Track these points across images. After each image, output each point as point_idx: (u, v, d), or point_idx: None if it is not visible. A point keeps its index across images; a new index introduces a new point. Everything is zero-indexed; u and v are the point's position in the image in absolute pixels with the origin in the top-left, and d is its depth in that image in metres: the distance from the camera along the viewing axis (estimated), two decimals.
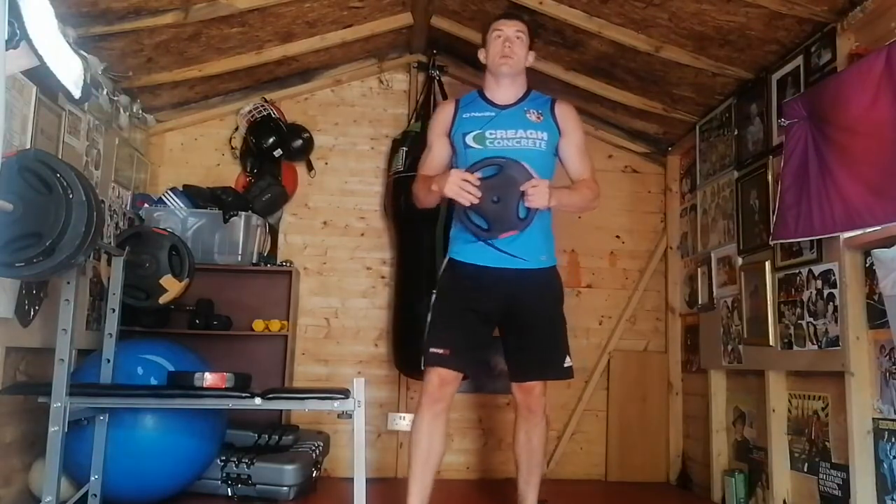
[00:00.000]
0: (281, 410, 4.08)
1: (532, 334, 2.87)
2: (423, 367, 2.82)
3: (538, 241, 2.84)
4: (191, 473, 3.32)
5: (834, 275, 2.93)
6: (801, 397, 3.24)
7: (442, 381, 2.77)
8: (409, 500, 2.80)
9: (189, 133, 4.65)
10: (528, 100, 2.94)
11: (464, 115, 2.89)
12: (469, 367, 2.89)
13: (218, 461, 3.45)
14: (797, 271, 3.20)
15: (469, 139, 2.84)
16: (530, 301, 2.84)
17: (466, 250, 2.84)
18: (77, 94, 2.19)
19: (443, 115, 2.97)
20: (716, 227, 4.07)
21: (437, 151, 2.94)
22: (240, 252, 4.21)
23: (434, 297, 2.88)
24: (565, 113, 2.94)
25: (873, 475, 2.74)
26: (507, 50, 2.85)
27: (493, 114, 2.87)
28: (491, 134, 2.83)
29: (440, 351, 2.76)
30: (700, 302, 4.25)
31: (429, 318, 2.85)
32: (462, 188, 2.64)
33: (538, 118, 2.88)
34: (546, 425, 3.00)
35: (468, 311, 2.80)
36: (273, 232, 4.54)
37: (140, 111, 4.22)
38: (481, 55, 2.97)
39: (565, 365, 2.90)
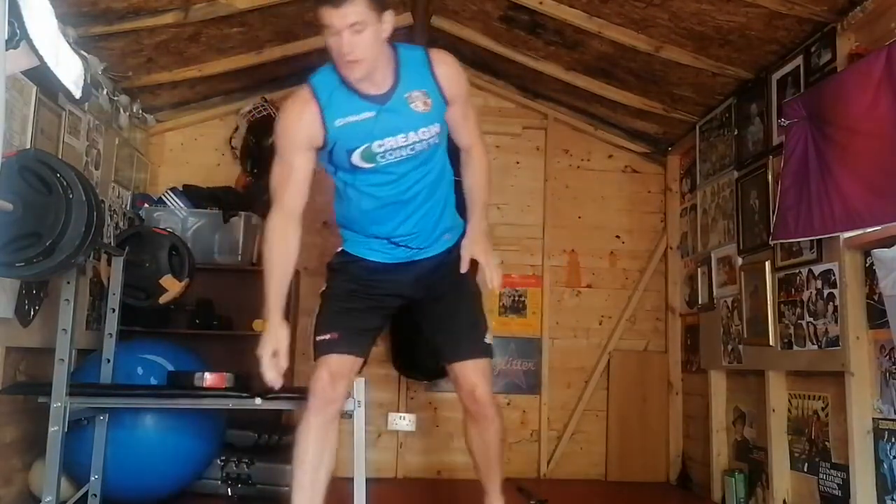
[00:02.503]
0: (281, 410, 4.07)
1: (447, 308, 2.55)
2: (313, 360, 2.48)
3: (438, 228, 2.51)
4: (191, 473, 3.32)
5: (834, 275, 2.93)
6: (801, 397, 3.24)
7: (333, 375, 2.37)
8: None
9: (189, 133, 4.65)
10: (403, 76, 2.30)
11: (336, 123, 2.28)
12: (364, 350, 2.51)
13: (218, 461, 3.45)
14: (797, 271, 3.20)
15: (356, 159, 2.33)
16: (436, 276, 2.53)
17: (359, 247, 2.54)
18: (77, 93, 2.19)
19: (305, 121, 2.30)
20: (716, 227, 4.07)
21: (299, 170, 2.36)
22: (240, 252, 4.21)
23: (323, 288, 2.59)
24: (446, 74, 2.35)
25: (873, 475, 2.74)
26: (348, 49, 2.16)
27: (372, 113, 2.28)
28: (379, 146, 2.30)
29: (327, 336, 2.42)
30: (700, 302, 4.25)
31: (315, 311, 2.57)
32: (267, 373, 2.25)
33: (425, 105, 2.32)
34: (500, 423, 2.57)
35: (358, 296, 2.50)
36: None
37: (140, 111, 4.22)
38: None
39: (486, 341, 2.55)
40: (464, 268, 2.47)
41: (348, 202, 2.49)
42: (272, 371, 2.25)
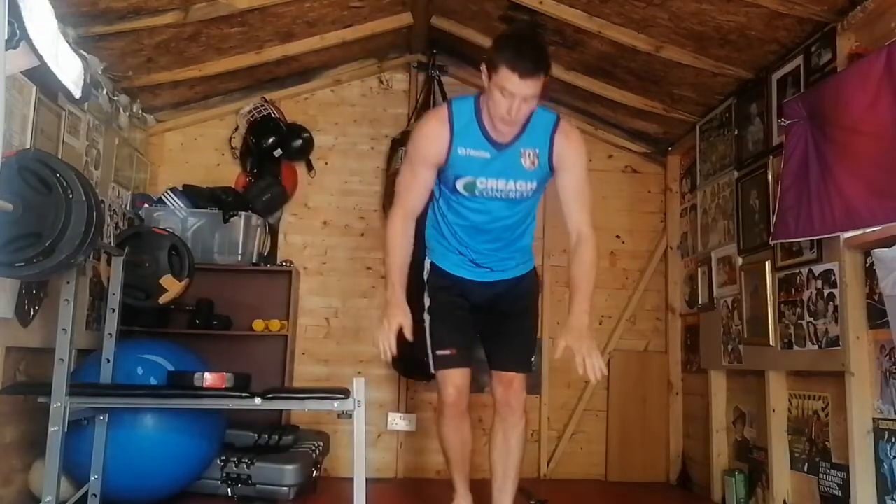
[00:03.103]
0: (281, 410, 4.08)
1: (509, 326, 2.90)
2: (433, 371, 2.86)
3: (516, 258, 2.86)
4: (191, 473, 3.32)
5: (834, 275, 2.93)
6: (801, 397, 3.24)
7: (458, 389, 2.82)
8: (457, 488, 2.99)
9: (189, 133, 4.65)
10: (527, 131, 2.58)
11: (459, 151, 2.59)
12: (472, 360, 2.92)
13: (218, 461, 3.45)
14: (797, 271, 3.20)
15: (459, 185, 2.65)
16: (506, 298, 2.88)
17: (445, 260, 2.86)
18: (77, 93, 2.19)
19: (437, 142, 2.60)
20: (716, 227, 4.07)
21: (423, 180, 2.68)
22: (240, 252, 4.21)
23: (427, 301, 2.89)
24: (565, 148, 2.61)
25: (873, 475, 2.74)
26: (513, 114, 2.44)
27: (488, 155, 2.59)
28: (482, 183, 2.63)
29: (447, 352, 2.81)
30: (700, 302, 4.25)
31: (427, 323, 2.86)
32: (384, 342, 2.54)
33: (532, 164, 2.61)
34: (525, 426, 2.92)
35: (458, 310, 2.86)
36: (273, 232, 4.55)
37: (140, 111, 4.22)
38: (483, 73, 2.50)
39: (531, 361, 3.00)
40: (557, 354, 2.48)
41: (442, 217, 2.80)
42: (389, 342, 2.53)
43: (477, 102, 2.59)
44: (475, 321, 2.93)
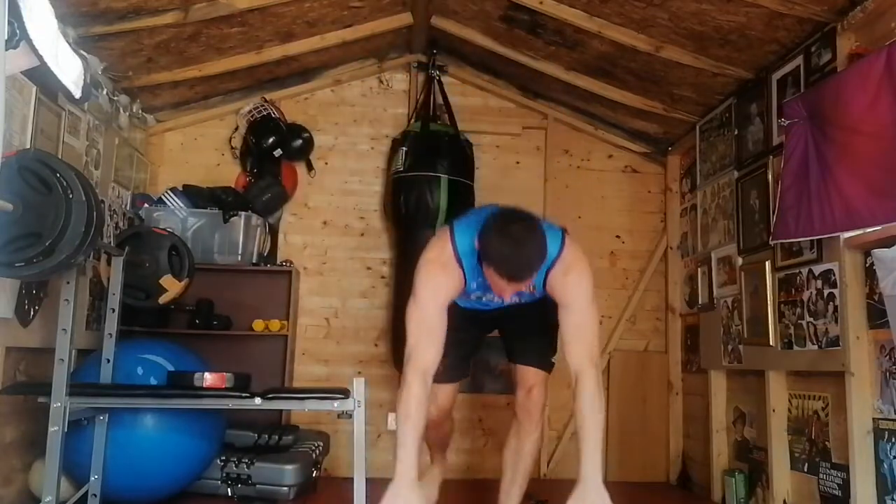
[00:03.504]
0: (281, 410, 4.08)
1: (528, 324, 2.85)
2: None
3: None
4: (191, 473, 3.32)
5: (834, 275, 2.93)
6: (801, 397, 3.24)
7: (440, 409, 2.81)
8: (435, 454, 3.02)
9: (189, 133, 4.65)
10: None
11: (472, 284, 2.52)
12: (463, 374, 2.94)
13: (218, 461, 3.45)
14: (797, 271, 3.20)
15: (463, 296, 2.59)
16: (524, 307, 2.78)
17: (459, 301, 2.67)
18: (77, 93, 2.19)
19: (450, 284, 2.47)
20: (716, 227, 4.06)
21: (437, 323, 2.43)
22: (240, 252, 4.21)
23: None
24: (562, 287, 2.47)
25: (873, 475, 2.74)
26: (506, 295, 2.38)
27: (493, 294, 2.51)
28: (487, 299, 2.63)
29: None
30: (700, 302, 4.25)
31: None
32: None
33: (530, 291, 2.53)
34: (541, 435, 2.94)
35: (457, 331, 2.61)
36: (273, 232, 4.55)
37: (140, 111, 4.22)
38: (476, 243, 2.36)
39: (552, 360, 2.89)
40: None
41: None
42: None
43: (477, 254, 2.38)
44: (492, 323, 2.92)
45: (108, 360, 3.07)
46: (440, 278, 2.45)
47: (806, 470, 3.18)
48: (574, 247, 2.50)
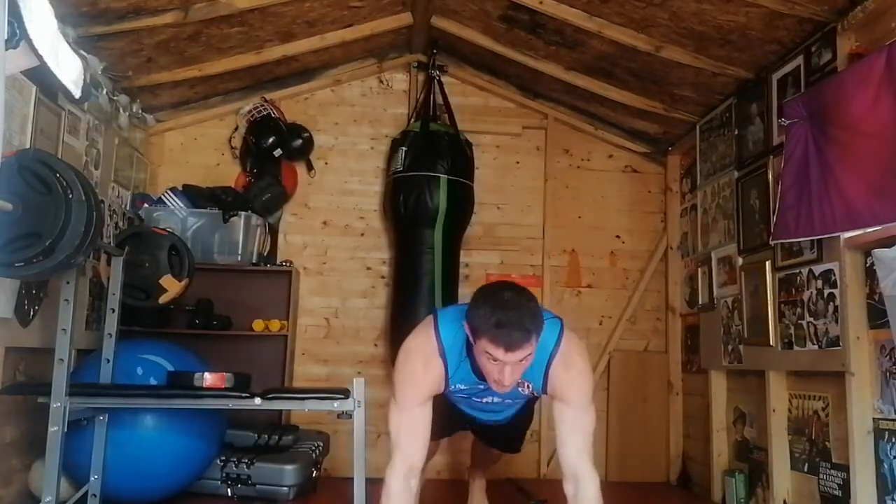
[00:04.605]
0: (281, 410, 4.08)
1: (504, 436, 2.99)
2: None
3: (509, 415, 2.75)
4: (191, 473, 3.32)
5: (834, 275, 2.93)
6: (801, 397, 3.24)
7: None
8: None
9: (189, 133, 4.65)
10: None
11: (457, 384, 2.38)
12: (450, 434, 2.98)
13: (218, 461, 3.45)
14: (797, 271, 3.20)
15: (454, 393, 2.47)
16: (507, 428, 2.88)
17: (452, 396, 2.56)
18: (77, 93, 2.19)
19: (430, 380, 2.31)
20: (716, 227, 4.06)
21: (422, 421, 2.31)
22: (240, 252, 4.21)
23: None
24: (563, 383, 2.31)
25: (873, 475, 2.74)
26: (507, 380, 2.14)
27: (483, 386, 2.36)
28: (476, 399, 2.51)
29: None
30: (700, 302, 4.25)
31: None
32: None
33: (527, 390, 2.39)
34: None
35: (448, 415, 2.62)
36: (273, 232, 4.55)
37: (140, 111, 4.22)
38: (466, 328, 2.19)
39: (520, 446, 3.11)
40: None
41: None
42: None
43: (467, 341, 2.23)
44: (480, 428, 2.95)
45: (108, 360, 3.07)
46: (419, 376, 2.29)
47: (806, 470, 3.18)
48: (573, 338, 2.36)
